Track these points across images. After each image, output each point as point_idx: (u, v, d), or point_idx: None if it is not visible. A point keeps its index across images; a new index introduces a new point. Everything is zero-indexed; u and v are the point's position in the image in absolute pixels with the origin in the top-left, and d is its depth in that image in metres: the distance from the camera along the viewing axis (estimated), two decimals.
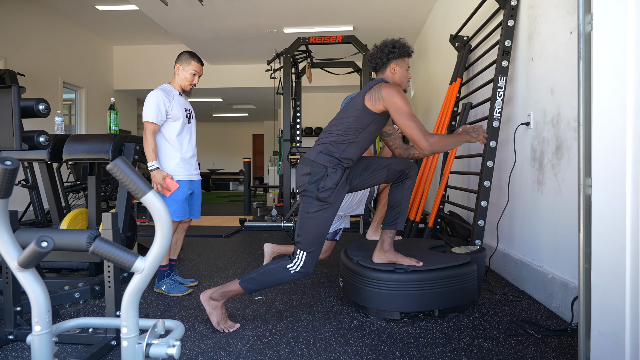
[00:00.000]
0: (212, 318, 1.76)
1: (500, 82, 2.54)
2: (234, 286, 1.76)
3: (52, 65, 6.14)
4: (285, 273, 1.74)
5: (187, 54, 2.34)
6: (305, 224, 1.74)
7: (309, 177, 1.74)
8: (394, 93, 1.70)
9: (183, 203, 2.26)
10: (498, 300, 2.16)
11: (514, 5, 2.53)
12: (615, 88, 1.12)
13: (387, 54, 1.83)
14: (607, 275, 1.12)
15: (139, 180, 0.99)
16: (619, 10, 1.11)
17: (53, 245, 1.01)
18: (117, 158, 0.97)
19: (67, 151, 2.48)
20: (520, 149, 2.48)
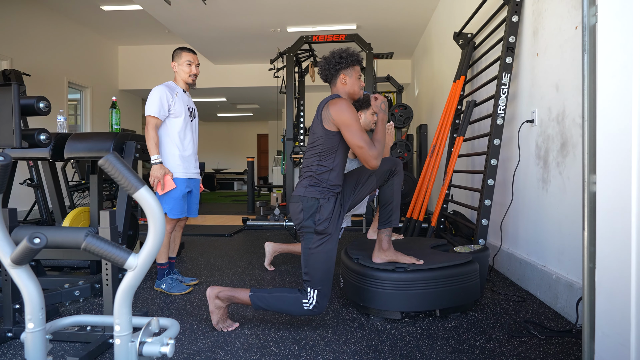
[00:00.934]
0: (212, 317, 1.74)
1: (505, 79, 2.50)
2: (244, 296, 1.72)
3: (58, 65, 6.18)
4: (298, 306, 1.68)
5: (177, 49, 2.35)
6: (310, 260, 1.69)
7: (303, 213, 1.71)
8: (341, 111, 1.66)
9: (180, 201, 2.25)
10: (501, 300, 2.13)
11: (518, 0, 2.49)
12: (620, 82, 1.08)
13: (335, 65, 1.78)
14: (612, 274, 1.09)
15: (130, 176, 0.97)
16: (624, 2, 1.08)
17: (46, 241, 1.00)
18: (109, 154, 0.96)
19: (69, 149, 2.48)
20: (524, 146, 2.44)
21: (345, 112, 1.66)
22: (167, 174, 2.15)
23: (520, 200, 2.49)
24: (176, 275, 2.41)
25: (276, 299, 1.71)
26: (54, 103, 6.13)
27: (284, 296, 1.71)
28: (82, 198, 6.28)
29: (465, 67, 3.38)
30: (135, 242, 3.03)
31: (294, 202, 1.75)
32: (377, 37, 6.29)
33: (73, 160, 2.53)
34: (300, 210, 1.71)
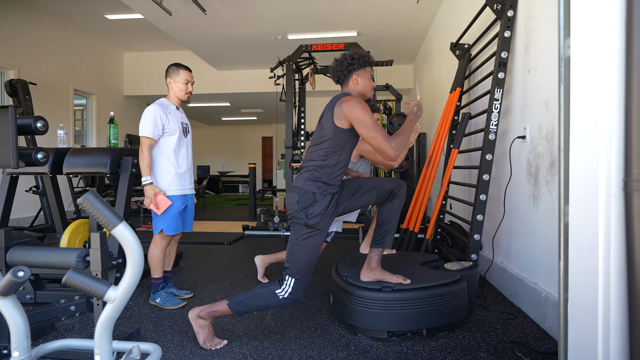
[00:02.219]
0: (198, 337, 1.78)
1: (497, 94, 2.50)
2: (222, 307, 1.77)
3: (64, 73, 6.30)
4: (273, 299, 1.74)
5: (173, 66, 2.37)
6: (294, 250, 1.74)
7: (298, 204, 1.75)
8: (354, 106, 1.70)
9: (176, 218, 2.30)
10: (491, 317, 2.13)
11: (510, 16, 2.49)
12: (591, 116, 1.09)
13: (348, 66, 1.84)
14: (582, 308, 1.10)
15: (109, 213, 1.01)
16: (597, 36, 1.09)
17: (29, 275, 1.04)
18: (87, 192, 0.99)
19: (67, 165, 2.54)
20: (516, 162, 2.44)
21: (358, 107, 1.70)
22: (158, 193, 2.19)
23: (512, 216, 2.49)
24: (171, 289, 2.45)
25: (251, 298, 1.77)
26: (60, 110, 6.25)
27: (258, 293, 1.77)
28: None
29: (462, 79, 3.38)
30: None
31: (291, 193, 1.79)
32: (377, 44, 6.30)
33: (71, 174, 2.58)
34: (296, 201, 1.75)
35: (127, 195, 2.56)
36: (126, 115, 8.18)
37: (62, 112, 6.29)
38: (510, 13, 2.49)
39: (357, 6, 4.96)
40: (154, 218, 2.30)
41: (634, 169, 0.89)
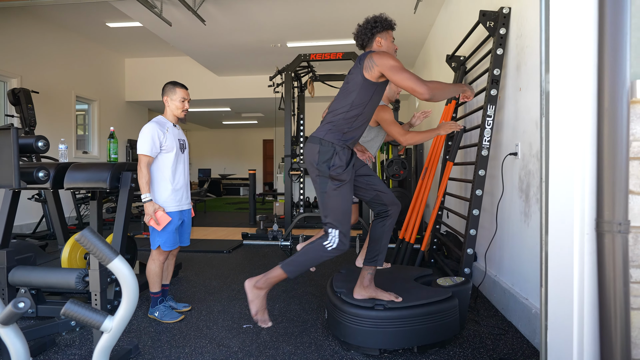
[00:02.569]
0: (251, 306, 1.85)
1: (489, 111, 2.54)
2: (277, 272, 1.84)
3: (66, 81, 6.36)
4: (322, 251, 1.80)
5: (170, 84, 2.42)
6: (326, 203, 1.80)
7: (319, 155, 1.80)
8: (385, 56, 1.78)
9: (173, 233, 2.34)
10: (482, 333, 2.17)
11: (502, 34, 2.53)
12: (568, 152, 1.13)
13: (371, 29, 1.92)
14: (559, 337, 1.14)
15: (104, 248, 1.06)
16: (575, 73, 1.13)
17: (29, 305, 1.09)
18: (84, 229, 1.04)
19: (68, 180, 2.59)
20: (508, 178, 2.48)
21: (389, 57, 1.78)
22: (157, 210, 2.24)
23: (504, 231, 2.53)
24: (169, 302, 2.50)
25: (302, 255, 1.83)
26: (62, 117, 6.31)
27: (308, 249, 1.83)
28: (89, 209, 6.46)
29: None
30: (134, 264, 3.14)
31: (312, 143, 1.85)
32: None
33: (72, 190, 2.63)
34: (317, 151, 1.81)
35: (126, 210, 2.61)
36: (127, 120, 8.25)
37: (63, 118, 6.36)
38: (503, 31, 2.52)
39: (355, 15, 5.00)
40: (151, 234, 2.35)
41: (605, 211, 0.93)
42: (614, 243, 0.91)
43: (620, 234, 0.90)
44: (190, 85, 8.03)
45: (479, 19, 2.63)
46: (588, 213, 0.99)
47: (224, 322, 2.36)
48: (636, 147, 0.96)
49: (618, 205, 0.90)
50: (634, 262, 0.96)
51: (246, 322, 2.35)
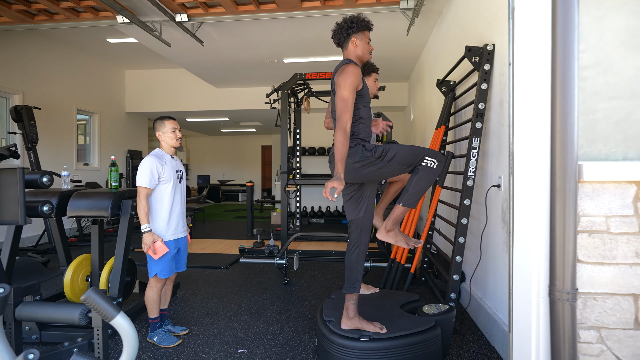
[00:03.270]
0: (400, 244, 2.06)
1: (474, 143, 2.65)
2: (399, 210, 2.02)
3: (67, 95, 6.48)
4: (431, 171, 1.95)
5: (158, 120, 2.53)
6: (397, 163, 1.95)
7: (351, 159, 1.96)
8: (342, 76, 1.91)
9: (170, 262, 2.45)
10: (465, 358, 2.28)
11: (487, 69, 2.64)
12: (528, 219, 1.24)
13: (347, 29, 2.02)
14: None
15: (108, 307, 1.17)
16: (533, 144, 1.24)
17: (38, 357, 1.20)
18: (89, 290, 1.15)
19: (71, 208, 2.70)
20: (492, 208, 2.59)
21: (346, 76, 1.90)
22: (156, 240, 2.35)
23: (489, 257, 2.64)
24: (168, 325, 2.61)
25: (415, 186, 1.97)
26: (63, 130, 6.42)
27: (417, 179, 1.96)
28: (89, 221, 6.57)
29: (447, 116, 3.53)
30: (134, 285, 3.25)
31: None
32: None
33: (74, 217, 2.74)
34: (349, 156, 1.96)
35: (127, 237, 2.73)
36: (128, 131, 8.36)
37: (65, 132, 6.46)
38: (487, 67, 2.64)
39: None
40: (148, 262, 2.45)
41: (557, 280, 1.04)
42: (563, 309, 1.02)
43: (568, 302, 1.01)
44: (190, 96, 8.19)
45: (464, 53, 2.74)
46: (543, 280, 1.10)
47: (220, 346, 2.47)
48: (584, 222, 1.07)
49: (567, 276, 1.01)
50: (583, 324, 1.07)
51: (240, 346, 2.46)
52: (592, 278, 1.07)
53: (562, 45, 1.04)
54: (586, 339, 1.06)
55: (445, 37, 4.28)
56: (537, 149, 1.16)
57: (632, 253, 1.06)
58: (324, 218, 8.10)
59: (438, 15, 4.45)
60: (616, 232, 1.07)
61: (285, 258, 3.82)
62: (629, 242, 1.06)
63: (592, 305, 1.06)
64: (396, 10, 4.07)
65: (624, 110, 1.09)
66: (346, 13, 4.09)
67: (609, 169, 1.06)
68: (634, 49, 1.09)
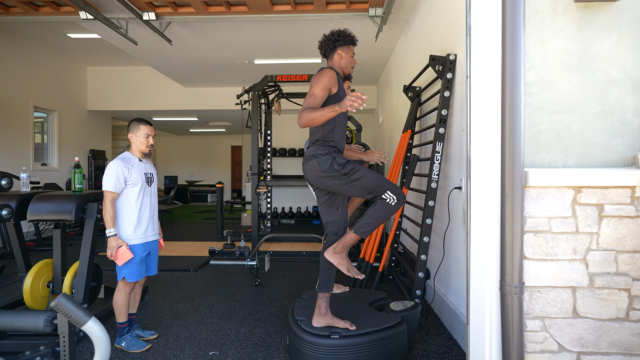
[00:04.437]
0: (341, 268, 2.05)
1: (438, 147, 2.80)
2: (351, 237, 2.03)
3: (23, 90, 6.14)
4: (388, 207, 1.98)
5: (134, 121, 2.50)
6: (363, 186, 1.99)
7: (320, 165, 2.02)
8: (316, 77, 2.00)
9: (138, 265, 2.42)
10: (430, 351, 2.41)
11: (449, 78, 2.80)
12: (482, 220, 1.36)
13: (334, 42, 2.14)
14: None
15: (79, 312, 1.17)
16: (485, 152, 1.36)
17: None
18: (60, 296, 1.15)
19: (32, 211, 2.60)
20: (454, 209, 2.74)
21: (319, 77, 1.98)
22: (121, 245, 2.31)
23: (451, 255, 2.80)
24: (136, 330, 2.57)
25: (370, 217, 2.00)
26: (19, 129, 6.08)
27: (374, 210, 2.00)
28: (48, 225, 6.25)
29: (413, 121, 3.68)
30: (99, 290, 3.16)
31: (309, 161, 2.08)
32: None
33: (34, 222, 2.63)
34: (317, 163, 2.03)
35: (92, 241, 2.65)
36: (90, 130, 8.02)
37: (21, 130, 6.12)
38: (450, 75, 2.79)
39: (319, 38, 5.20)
40: (116, 265, 2.41)
41: (506, 275, 1.16)
42: (512, 302, 1.13)
43: (516, 295, 1.12)
44: (157, 95, 7.97)
45: (429, 62, 2.89)
46: (495, 275, 1.22)
47: (191, 349, 2.46)
48: (530, 223, 1.20)
49: (515, 271, 1.13)
50: (529, 314, 1.19)
51: (212, 349, 2.46)
52: (537, 273, 1.19)
53: (511, 63, 1.16)
54: (532, 328, 1.19)
55: (411, 45, 4.45)
56: (490, 156, 1.28)
57: (570, 250, 1.19)
58: (295, 219, 8.14)
59: (405, 23, 4.61)
60: (557, 232, 1.21)
61: (257, 259, 3.83)
62: (567, 240, 1.19)
63: (537, 298, 1.19)
64: (365, 17, 4.19)
65: (563, 123, 1.23)
66: (317, 18, 4.17)
67: (551, 176, 1.19)
68: (572, 69, 1.23)
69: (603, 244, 1.17)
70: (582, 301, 1.19)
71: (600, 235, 1.19)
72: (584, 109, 1.21)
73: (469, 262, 1.45)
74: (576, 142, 1.21)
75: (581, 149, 1.20)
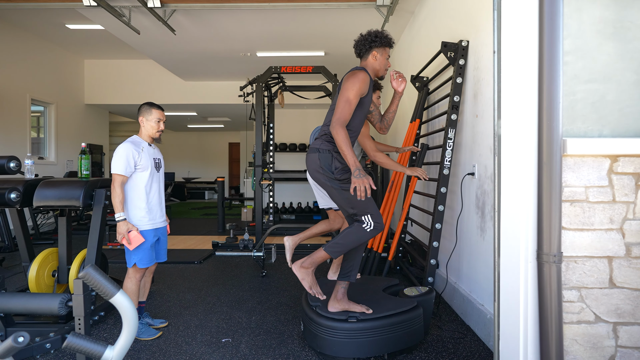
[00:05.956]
0: (304, 283, 2.05)
1: (450, 134, 2.79)
2: (320, 254, 2.00)
3: (20, 83, 6.03)
4: (362, 232, 1.95)
5: (146, 105, 2.45)
6: (347, 200, 1.96)
7: (320, 161, 1.99)
8: (350, 79, 1.96)
9: (149, 251, 2.38)
10: (444, 337, 2.40)
11: (462, 64, 2.78)
12: (517, 189, 1.35)
13: (370, 42, 2.10)
14: (509, 344, 1.35)
15: (107, 284, 1.13)
16: (520, 122, 1.34)
17: (29, 340, 1.14)
18: (88, 267, 1.11)
19: (38, 197, 2.54)
20: (466, 195, 2.73)
21: (352, 83, 1.94)
22: (131, 229, 2.27)
23: (463, 244, 2.79)
24: (146, 318, 2.53)
25: (343, 238, 1.97)
26: (16, 121, 5.98)
27: (349, 232, 1.97)
28: (47, 219, 6.16)
29: (421, 110, 3.67)
30: None
31: (312, 153, 2.04)
32: (345, 63, 6.55)
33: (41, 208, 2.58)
34: (318, 158, 2.00)
35: (100, 227, 2.60)
36: (87, 123, 7.92)
37: (17, 123, 6.02)
38: (462, 62, 2.78)
39: (323, 29, 5.17)
40: (126, 252, 2.36)
41: (544, 244, 1.14)
42: (550, 271, 1.11)
43: (555, 264, 1.11)
44: (155, 89, 7.89)
45: (440, 49, 2.87)
46: (531, 245, 1.20)
47: (203, 337, 2.42)
48: (567, 192, 1.18)
49: (554, 240, 1.11)
50: (566, 285, 1.18)
51: (224, 336, 2.43)
52: (574, 243, 1.18)
53: (549, 33, 1.14)
54: (569, 298, 1.17)
55: (417, 36, 4.44)
56: (524, 128, 1.26)
57: (607, 219, 1.18)
58: (295, 214, 8.12)
59: (410, 14, 4.60)
60: (594, 201, 1.19)
61: (263, 250, 3.80)
62: (604, 209, 1.18)
63: (573, 268, 1.18)
64: (372, 7, 4.17)
65: (598, 93, 1.22)
66: (324, 7, 4.14)
67: (588, 144, 1.17)
68: (607, 38, 1.22)
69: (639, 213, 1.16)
70: (619, 271, 1.18)
71: (637, 204, 1.18)
72: (619, 78, 1.20)
73: (498, 235, 1.43)
74: (612, 112, 1.20)
75: (617, 118, 1.19)
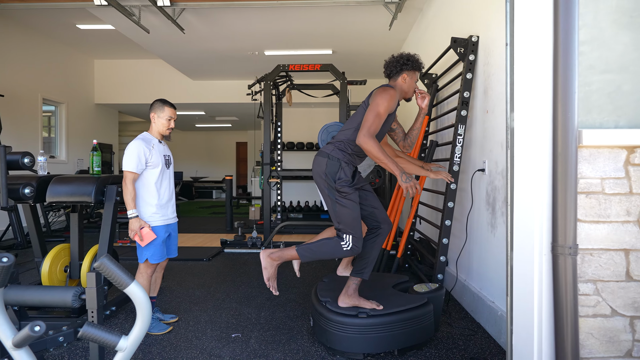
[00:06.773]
0: (264, 273, 2.03)
1: (460, 130, 2.77)
2: (292, 252, 2.00)
3: (32, 83, 6.12)
4: (338, 249, 1.96)
5: (159, 102, 2.46)
6: (336, 211, 1.96)
7: (327, 167, 1.98)
8: (381, 94, 1.96)
9: (160, 246, 2.40)
10: (454, 334, 2.38)
11: (471, 60, 2.76)
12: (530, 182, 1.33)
13: (402, 65, 2.11)
14: (523, 339, 1.33)
15: (122, 274, 1.14)
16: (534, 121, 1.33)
17: (45, 329, 1.15)
18: (103, 257, 1.12)
19: (51, 193, 2.57)
20: (477, 192, 2.71)
21: (382, 98, 1.94)
22: (143, 226, 2.29)
23: (473, 240, 2.76)
24: (157, 313, 2.55)
25: (320, 246, 1.98)
26: (28, 121, 6.07)
27: (326, 242, 1.98)
28: (58, 217, 6.24)
29: (430, 107, 3.65)
30: None
31: (321, 157, 2.03)
32: (352, 61, 6.54)
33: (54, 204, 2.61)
34: (325, 164, 1.99)
35: (112, 223, 2.63)
36: (97, 123, 8.01)
37: (29, 122, 6.11)
38: (472, 57, 2.76)
39: (331, 27, 5.17)
40: (138, 248, 2.38)
41: (559, 236, 1.13)
42: (565, 263, 1.10)
43: (570, 256, 1.09)
44: (164, 88, 7.95)
45: (450, 44, 2.85)
46: (545, 237, 1.19)
47: (213, 332, 2.44)
48: (583, 184, 1.17)
49: (569, 232, 1.10)
50: (582, 278, 1.16)
51: (234, 331, 2.44)
52: (589, 235, 1.16)
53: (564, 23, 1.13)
54: (584, 292, 1.16)
55: (425, 33, 4.42)
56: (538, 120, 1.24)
57: (623, 212, 1.16)
58: (303, 213, 8.12)
59: (419, 12, 4.58)
60: (610, 193, 1.18)
61: (272, 247, 3.80)
62: (620, 201, 1.16)
63: (589, 260, 1.16)
64: (380, 4, 4.16)
65: (614, 83, 1.20)
66: (331, 4, 4.14)
67: (604, 135, 1.16)
68: (623, 27, 1.20)
69: None
70: (636, 264, 1.16)
71: None
72: (636, 68, 1.18)
73: (510, 229, 1.42)
74: (628, 103, 1.18)
75: (633, 109, 1.18)
